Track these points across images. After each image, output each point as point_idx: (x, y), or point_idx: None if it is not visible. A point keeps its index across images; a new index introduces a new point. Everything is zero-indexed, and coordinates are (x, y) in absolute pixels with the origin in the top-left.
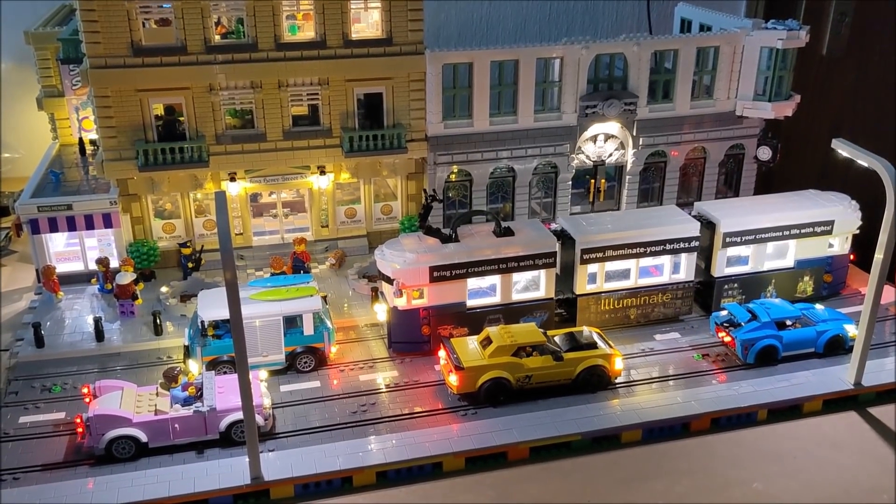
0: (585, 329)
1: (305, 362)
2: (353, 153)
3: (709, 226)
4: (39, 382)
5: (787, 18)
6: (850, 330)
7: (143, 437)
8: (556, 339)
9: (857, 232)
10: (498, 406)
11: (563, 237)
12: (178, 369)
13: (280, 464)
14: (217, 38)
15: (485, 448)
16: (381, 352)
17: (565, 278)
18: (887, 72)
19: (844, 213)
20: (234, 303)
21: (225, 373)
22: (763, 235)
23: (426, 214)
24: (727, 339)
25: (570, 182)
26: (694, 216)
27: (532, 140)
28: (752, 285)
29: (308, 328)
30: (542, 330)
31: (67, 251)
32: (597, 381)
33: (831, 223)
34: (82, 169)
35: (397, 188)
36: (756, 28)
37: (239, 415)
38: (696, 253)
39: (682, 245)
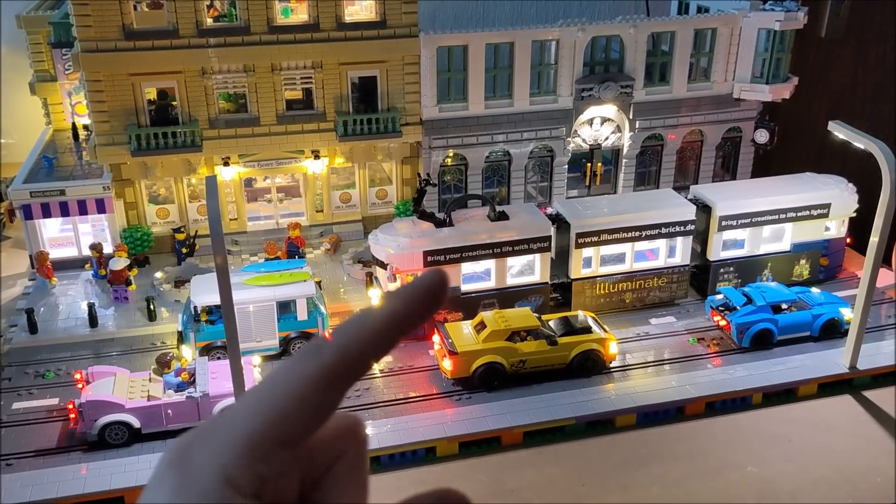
0: (580, 313)
1: (299, 348)
2: (348, 137)
3: (705, 209)
4: (33, 368)
5: None
6: (846, 313)
7: (136, 423)
8: (551, 323)
9: (854, 215)
10: (492, 391)
11: (559, 221)
12: (170, 355)
13: None
14: (209, 21)
15: (479, 433)
16: None
17: (560, 262)
18: (886, 54)
19: (841, 196)
20: (225, 288)
21: (218, 358)
22: (759, 219)
23: (420, 199)
24: (722, 322)
25: (567, 166)
26: (690, 199)
27: (528, 123)
28: (748, 269)
29: (302, 313)
30: (536, 314)
31: (61, 237)
32: (591, 366)
33: (828, 206)
34: (75, 154)
35: (392, 172)
36: (753, 9)
37: (232, 400)
38: (692, 236)
39: (677, 228)
